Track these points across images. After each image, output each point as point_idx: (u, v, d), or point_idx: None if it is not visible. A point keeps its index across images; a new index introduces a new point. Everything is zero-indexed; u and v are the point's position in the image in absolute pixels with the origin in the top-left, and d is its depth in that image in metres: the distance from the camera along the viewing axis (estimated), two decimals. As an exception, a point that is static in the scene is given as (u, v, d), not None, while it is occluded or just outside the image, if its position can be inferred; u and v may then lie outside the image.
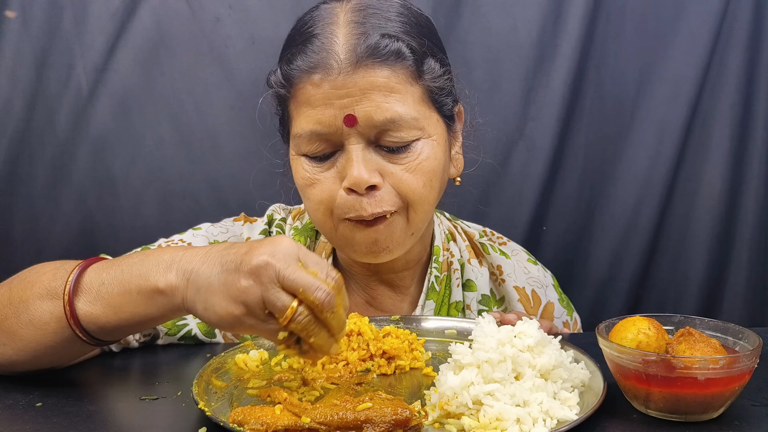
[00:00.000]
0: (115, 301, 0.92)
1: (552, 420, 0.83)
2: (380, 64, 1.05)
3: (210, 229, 1.30)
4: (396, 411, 0.82)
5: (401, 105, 1.07)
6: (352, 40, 1.06)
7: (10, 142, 1.71)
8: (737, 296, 1.87)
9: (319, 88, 1.06)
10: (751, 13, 1.79)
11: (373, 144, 1.08)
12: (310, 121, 1.07)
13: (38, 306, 0.95)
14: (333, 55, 1.05)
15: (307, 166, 1.11)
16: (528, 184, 1.84)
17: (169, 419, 0.88)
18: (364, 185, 1.06)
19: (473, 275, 1.30)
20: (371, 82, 1.05)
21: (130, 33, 1.71)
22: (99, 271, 0.95)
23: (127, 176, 1.76)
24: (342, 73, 1.04)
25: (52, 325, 0.94)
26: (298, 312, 0.82)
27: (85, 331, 0.93)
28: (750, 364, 0.82)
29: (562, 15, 1.78)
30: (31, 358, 0.97)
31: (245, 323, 0.84)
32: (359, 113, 1.05)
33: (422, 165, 1.09)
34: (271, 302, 0.82)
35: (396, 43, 1.06)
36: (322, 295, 0.83)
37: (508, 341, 0.89)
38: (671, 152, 1.83)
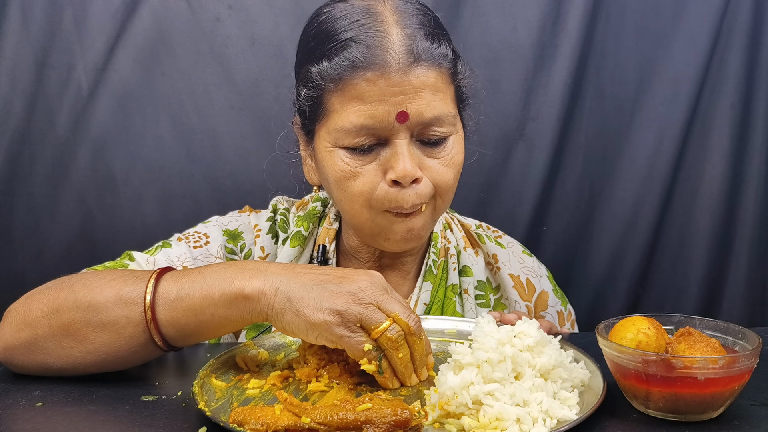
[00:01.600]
0: (196, 304, 0.96)
1: (552, 420, 0.83)
2: (430, 64, 1.11)
3: (220, 219, 1.34)
4: (396, 411, 0.82)
5: (444, 103, 1.14)
6: (407, 41, 1.10)
7: (10, 142, 1.71)
8: (737, 296, 1.87)
9: (374, 85, 1.09)
10: (751, 13, 1.79)
11: (414, 139, 1.14)
12: (361, 116, 1.10)
13: (113, 311, 0.98)
14: (391, 54, 1.09)
15: (347, 158, 1.14)
16: (528, 184, 1.84)
17: (169, 419, 0.88)
18: (411, 178, 1.11)
19: (469, 262, 1.35)
20: (423, 81, 1.10)
21: (130, 33, 1.71)
22: (176, 278, 0.99)
23: (127, 176, 1.76)
24: (399, 72, 1.09)
25: (128, 329, 0.97)
26: (391, 326, 0.93)
27: (162, 335, 0.98)
28: (750, 364, 0.83)
29: (562, 15, 1.78)
30: (99, 361, 0.99)
31: (334, 332, 0.92)
32: (411, 110, 1.10)
33: (454, 159, 1.17)
34: (368, 316, 0.93)
35: (443, 46, 1.13)
36: (413, 320, 0.94)
37: (508, 341, 0.89)
38: (671, 152, 1.83)
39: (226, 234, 1.30)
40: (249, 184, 1.78)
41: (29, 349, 1.00)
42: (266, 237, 1.31)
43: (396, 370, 0.96)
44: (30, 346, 1.00)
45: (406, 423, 0.82)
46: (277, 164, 1.35)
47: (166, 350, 1.01)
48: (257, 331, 1.23)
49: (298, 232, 1.29)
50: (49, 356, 0.99)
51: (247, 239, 1.30)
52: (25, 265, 1.75)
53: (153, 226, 1.74)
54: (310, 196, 1.39)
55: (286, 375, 1.00)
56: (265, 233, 1.31)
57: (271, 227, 1.32)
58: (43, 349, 0.99)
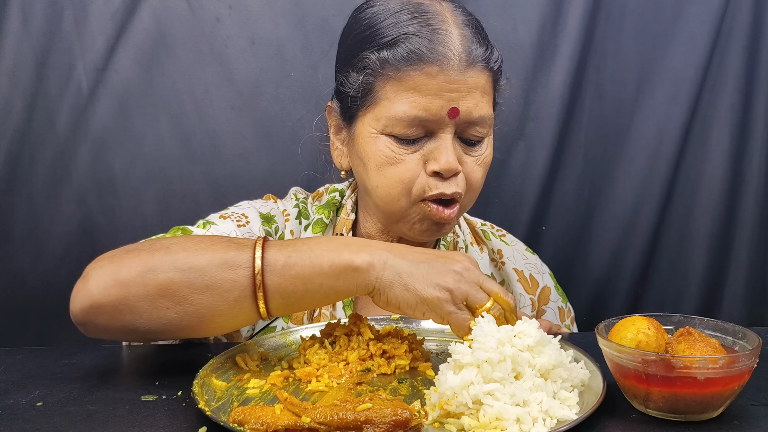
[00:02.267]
0: (304, 273, 0.98)
1: (552, 419, 0.83)
2: (484, 67, 1.18)
3: (252, 203, 1.35)
4: (396, 411, 0.82)
5: (488, 107, 1.20)
6: (466, 42, 1.16)
7: (10, 142, 1.71)
8: (737, 296, 1.87)
9: (433, 79, 1.14)
10: (751, 13, 1.79)
11: (456, 136, 1.19)
12: (415, 107, 1.15)
13: (218, 274, 0.98)
14: (453, 52, 1.14)
15: (393, 146, 1.18)
16: (528, 184, 1.84)
17: (169, 419, 0.88)
18: (453, 172, 1.17)
19: (475, 256, 1.38)
20: (477, 82, 1.17)
21: (130, 33, 1.71)
22: (282, 247, 1.01)
23: (127, 176, 1.76)
24: (457, 70, 1.15)
25: (234, 293, 0.98)
26: (494, 305, 0.98)
27: (267, 302, 0.99)
28: (749, 364, 0.83)
29: (561, 15, 1.78)
30: (194, 323, 0.99)
31: (444, 308, 0.96)
32: (462, 107, 1.15)
33: (487, 159, 1.24)
34: (473, 296, 0.97)
35: (495, 53, 1.20)
36: (511, 299, 0.99)
37: (508, 341, 0.89)
38: (671, 152, 1.83)
39: (261, 217, 1.30)
40: (249, 184, 1.79)
41: (118, 309, 0.97)
42: (294, 222, 1.32)
43: None
44: (119, 305, 0.97)
45: (406, 423, 0.82)
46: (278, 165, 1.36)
47: (264, 318, 1.02)
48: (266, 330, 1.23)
49: (320, 219, 1.32)
50: (139, 317, 0.98)
51: (279, 222, 1.31)
52: (25, 265, 1.75)
53: (153, 226, 1.74)
54: (325, 188, 1.40)
55: (286, 375, 1.00)
56: (294, 218, 1.33)
57: (299, 213, 1.35)
58: (135, 308, 0.97)
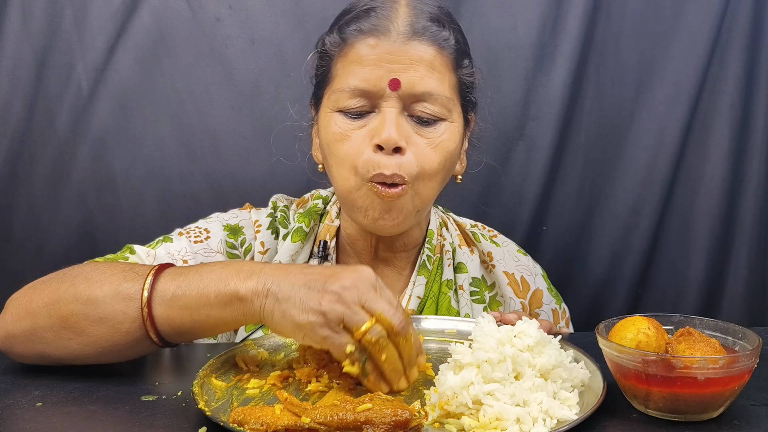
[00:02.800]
0: (191, 303, 0.96)
1: (552, 420, 0.83)
2: (431, 42, 1.17)
3: (221, 215, 1.36)
4: (396, 412, 0.82)
5: (439, 83, 1.17)
6: (411, 17, 1.17)
7: (10, 142, 1.70)
8: (737, 296, 1.87)
9: (373, 50, 1.15)
10: (751, 13, 1.79)
11: (406, 114, 1.17)
12: (356, 78, 1.16)
13: (110, 306, 0.98)
14: (393, 24, 1.16)
15: (341, 122, 1.18)
16: (528, 184, 1.84)
17: (169, 419, 0.88)
18: (393, 144, 1.13)
19: (464, 259, 1.36)
20: (420, 55, 1.16)
21: (130, 33, 1.71)
22: (174, 276, 0.99)
23: (127, 176, 1.76)
24: (398, 41, 1.15)
25: (125, 325, 0.98)
26: (374, 327, 0.90)
27: (158, 333, 0.98)
28: (749, 364, 0.83)
29: (562, 15, 1.78)
30: (96, 354, 1.00)
31: (318, 333, 0.90)
32: (404, 79, 1.14)
33: (443, 144, 1.19)
34: (350, 317, 0.90)
35: (445, 31, 1.19)
36: (398, 320, 0.91)
37: (508, 341, 0.89)
38: (671, 152, 1.83)
39: (226, 229, 1.31)
40: (249, 184, 1.78)
41: (29, 339, 1.01)
42: (266, 233, 1.32)
43: (382, 372, 0.93)
44: (30, 336, 1.01)
45: (406, 423, 0.82)
46: (278, 165, 1.36)
47: (161, 346, 1.01)
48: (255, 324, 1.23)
49: (299, 227, 1.30)
50: (47, 346, 1.01)
51: (247, 234, 1.31)
52: (25, 265, 1.75)
53: (153, 225, 1.74)
54: (311, 194, 1.40)
55: (286, 375, 1.00)
56: (265, 229, 1.32)
57: (271, 223, 1.33)
58: (42, 339, 1.00)
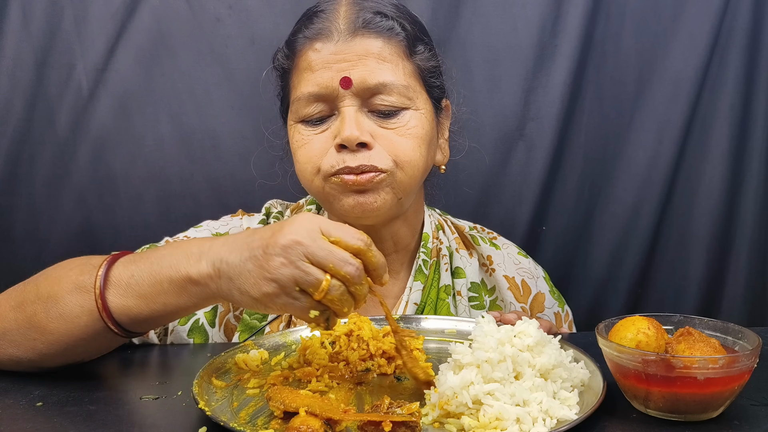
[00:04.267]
0: (146, 292, 0.95)
1: (552, 419, 0.83)
2: (375, 35, 1.16)
3: (211, 224, 1.35)
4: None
5: (392, 73, 1.17)
6: (352, 14, 1.17)
7: (11, 142, 1.71)
8: (737, 296, 1.87)
9: (319, 54, 1.16)
10: (751, 13, 1.79)
11: (366, 110, 1.17)
12: (309, 84, 1.17)
13: (68, 300, 0.97)
14: (334, 25, 1.17)
15: (303, 131, 1.19)
16: (528, 184, 1.84)
17: (169, 419, 0.88)
18: (355, 140, 1.13)
19: (461, 263, 1.35)
20: (366, 49, 1.16)
21: (130, 33, 1.71)
22: (127, 264, 0.98)
23: (127, 176, 1.76)
24: (341, 41, 1.16)
25: (83, 318, 0.97)
26: (332, 285, 0.86)
27: (116, 323, 0.97)
28: (749, 364, 0.83)
29: (562, 15, 1.78)
30: (62, 351, 0.99)
31: (278, 302, 0.87)
32: (354, 76, 1.14)
33: (411, 131, 1.18)
34: (303, 279, 0.86)
35: (389, 21, 1.18)
36: (352, 270, 0.87)
37: (508, 341, 0.89)
38: (671, 152, 1.83)
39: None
40: (249, 184, 1.78)
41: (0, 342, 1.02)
42: None
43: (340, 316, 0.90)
44: (1, 339, 1.02)
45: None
46: (279, 165, 1.36)
47: (125, 336, 1.00)
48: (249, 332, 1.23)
49: None
50: (17, 348, 1.01)
51: None
52: (25, 265, 1.75)
53: (153, 226, 1.74)
54: (306, 199, 1.39)
55: (287, 375, 1.00)
56: None
57: None
58: (12, 342, 1.01)
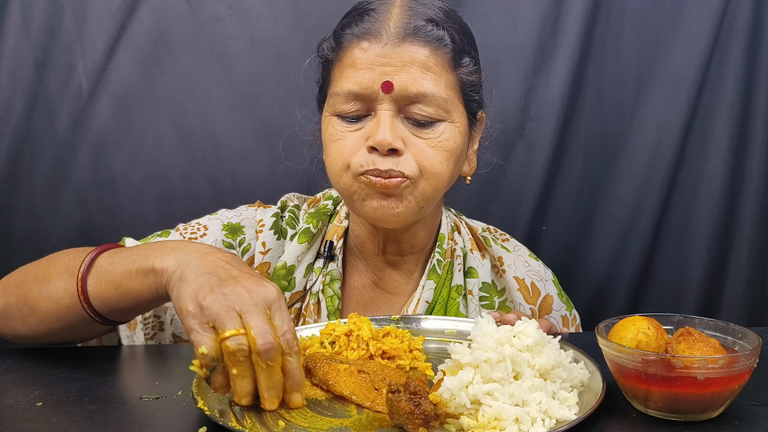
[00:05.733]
0: (117, 279, 0.99)
1: (551, 420, 0.83)
2: (423, 43, 1.15)
3: (225, 213, 1.36)
4: None
5: (434, 84, 1.15)
6: (404, 18, 1.16)
7: (11, 142, 1.71)
8: (737, 296, 1.87)
9: (365, 53, 1.15)
10: (751, 13, 1.79)
11: (402, 116, 1.16)
12: (350, 82, 1.16)
13: (57, 282, 1.04)
14: (384, 27, 1.15)
15: (338, 124, 1.19)
16: (528, 184, 1.84)
17: (169, 419, 0.88)
18: (387, 146, 1.13)
19: (474, 264, 1.36)
20: (413, 57, 1.14)
21: (130, 33, 1.71)
22: (113, 253, 1.03)
23: (127, 176, 1.76)
24: (389, 44, 1.14)
25: (66, 299, 1.03)
26: (237, 337, 0.84)
27: (92, 307, 1.02)
28: (749, 364, 0.83)
29: (561, 15, 1.78)
30: (48, 331, 1.07)
31: (187, 323, 0.86)
32: (396, 82, 1.13)
33: (443, 144, 1.17)
34: (221, 320, 0.85)
35: (440, 31, 1.16)
36: (266, 345, 0.84)
37: (507, 341, 0.89)
38: (671, 152, 1.83)
39: (225, 228, 1.30)
40: (249, 184, 1.79)
41: (3, 316, 1.11)
42: (269, 233, 1.31)
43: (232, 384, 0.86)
44: (3, 313, 1.11)
45: None
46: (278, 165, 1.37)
47: (102, 323, 1.04)
48: None
49: (307, 228, 1.30)
50: (16, 323, 1.09)
51: (247, 234, 1.31)
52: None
53: (153, 226, 1.73)
54: (323, 194, 1.40)
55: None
56: (268, 229, 1.31)
57: (275, 223, 1.33)
58: (11, 315, 1.10)
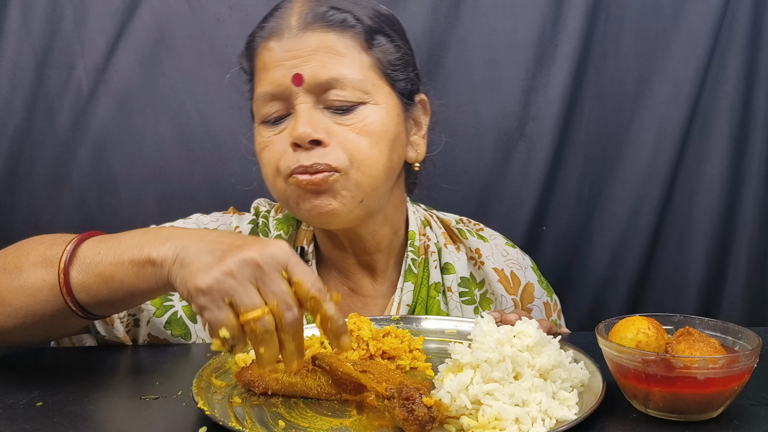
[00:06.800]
0: (106, 271, 0.92)
1: (551, 420, 0.83)
2: (327, 28, 1.14)
3: (200, 218, 1.35)
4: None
5: (346, 68, 1.14)
6: (305, 9, 1.15)
7: (11, 142, 1.71)
8: (737, 296, 1.87)
9: (272, 52, 1.15)
10: (751, 13, 1.79)
11: (321, 107, 1.14)
12: (264, 83, 1.16)
13: (32, 273, 0.95)
14: (286, 22, 1.15)
15: (263, 131, 1.18)
16: (528, 184, 1.84)
17: (169, 419, 0.88)
18: (308, 138, 1.11)
19: (450, 259, 1.33)
20: (317, 44, 1.13)
21: (131, 33, 1.71)
22: (97, 242, 0.95)
23: (127, 176, 1.76)
24: (291, 37, 1.14)
25: (44, 292, 0.94)
26: (265, 318, 0.81)
27: (76, 300, 0.94)
28: (749, 364, 0.83)
29: (562, 15, 1.78)
30: (19, 326, 0.97)
31: (199, 301, 0.82)
32: (306, 72, 1.12)
33: (368, 127, 1.14)
34: (241, 296, 0.81)
35: (342, 14, 1.15)
36: (290, 317, 0.82)
37: (507, 341, 0.89)
38: (671, 152, 1.82)
39: None
40: (249, 184, 1.78)
41: None
42: None
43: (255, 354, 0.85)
44: None
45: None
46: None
47: (84, 317, 0.96)
48: None
49: (278, 236, 1.29)
50: None
51: None
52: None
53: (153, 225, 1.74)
54: None
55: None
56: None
57: (252, 230, 1.32)
58: None
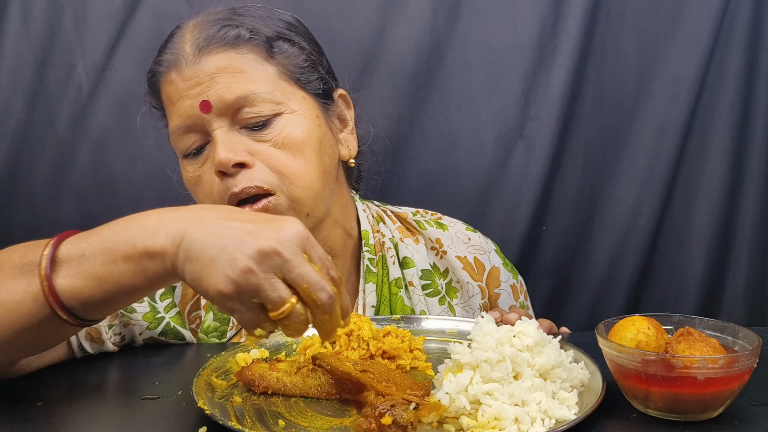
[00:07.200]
0: (98, 272, 0.84)
1: (550, 420, 0.83)
2: (223, 48, 1.11)
3: None
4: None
5: (252, 83, 1.11)
6: (195, 35, 1.13)
7: (11, 141, 1.70)
8: (737, 296, 1.87)
9: (174, 85, 1.12)
10: (751, 13, 1.79)
11: (237, 127, 1.11)
12: (174, 118, 1.13)
13: (9, 286, 0.86)
14: (181, 51, 1.12)
15: (188, 166, 1.15)
16: (528, 184, 1.84)
17: (169, 419, 0.88)
18: (230, 164, 1.08)
19: (408, 252, 1.32)
20: (217, 66, 1.10)
21: (131, 33, 1.71)
22: (77, 241, 0.87)
23: (127, 176, 1.76)
24: (189, 65, 1.11)
25: (26, 304, 0.85)
26: (295, 310, 0.78)
27: (65, 308, 0.85)
28: (749, 364, 0.83)
29: (562, 15, 1.78)
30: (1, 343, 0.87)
31: (227, 305, 0.79)
32: (212, 97, 1.09)
33: (288, 138, 1.12)
34: (267, 293, 0.77)
35: (235, 29, 1.12)
36: (325, 297, 0.79)
37: (507, 341, 0.90)
38: (671, 152, 1.82)
39: None
40: (249, 184, 1.78)
41: None
42: None
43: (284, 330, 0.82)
44: None
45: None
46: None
47: (77, 325, 0.88)
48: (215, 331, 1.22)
49: None
50: None
51: None
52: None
53: (153, 226, 1.74)
54: None
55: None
56: None
57: None
58: None
